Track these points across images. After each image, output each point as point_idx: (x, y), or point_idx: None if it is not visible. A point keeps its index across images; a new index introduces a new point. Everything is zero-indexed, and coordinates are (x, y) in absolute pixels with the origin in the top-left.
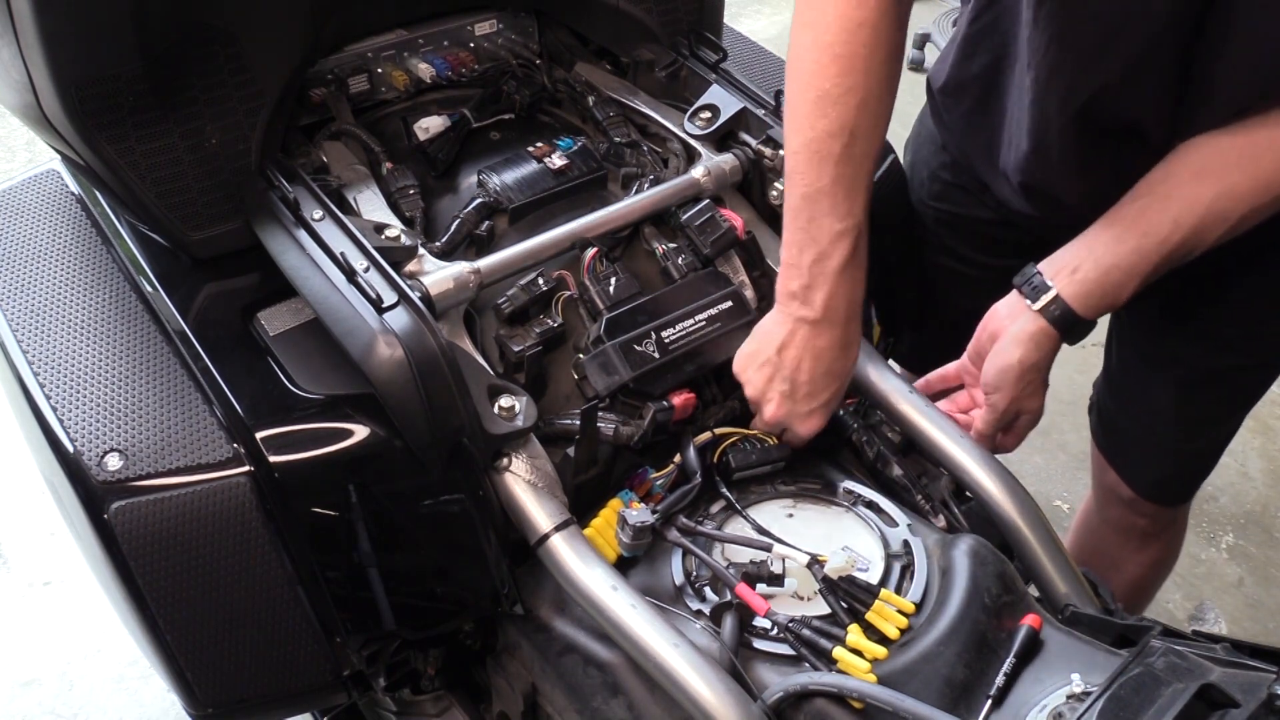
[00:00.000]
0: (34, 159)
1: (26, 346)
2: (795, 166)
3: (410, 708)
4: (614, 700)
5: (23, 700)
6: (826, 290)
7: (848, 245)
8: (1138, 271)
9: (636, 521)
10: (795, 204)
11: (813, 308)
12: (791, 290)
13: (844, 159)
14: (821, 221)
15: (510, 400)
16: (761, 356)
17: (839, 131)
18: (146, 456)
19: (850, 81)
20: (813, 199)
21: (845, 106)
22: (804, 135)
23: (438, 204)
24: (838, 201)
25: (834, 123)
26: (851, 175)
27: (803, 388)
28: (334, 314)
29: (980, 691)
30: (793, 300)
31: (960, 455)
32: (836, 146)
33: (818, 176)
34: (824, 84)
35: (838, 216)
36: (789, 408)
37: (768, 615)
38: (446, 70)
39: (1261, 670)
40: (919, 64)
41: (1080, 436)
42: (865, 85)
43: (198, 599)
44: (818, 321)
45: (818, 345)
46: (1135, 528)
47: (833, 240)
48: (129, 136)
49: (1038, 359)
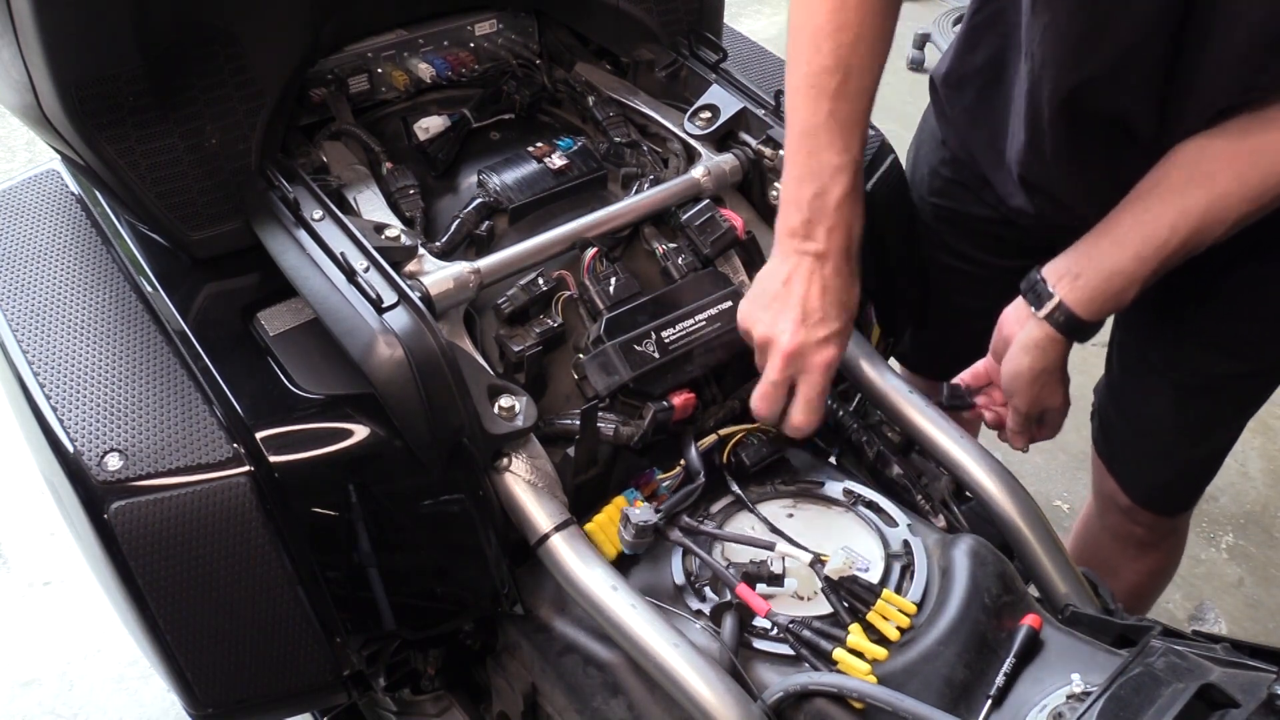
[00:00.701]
0: (34, 159)
1: (26, 346)
2: (794, 103)
3: (410, 708)
4: (614, 700)
5: (23, 700)
6: (828, 224)
7: (847, 179)
8: (1138, 276)
9: (639, 520)
10: (794, 140)
11: (816, 241)
12: (792, 227)
13: (840, 94)
14: (821, 156)
15: (510, 400)
16: (768, 295)
17: (834, 67)
18: (146, 456)
19: (843, 18)
20: (811, 134)
21: (839, 43)
22: (801, 71)
23: (438, 204)
24: (835, 136)
25: (829, 58)
26: (848, 111)
27: (815, 313)
28: (334, 314)
29: (980, 691)
30: (794, 237)
31: (960, 455)
32: (832, 82)
33: (814, 111)
34: (819, 20)
35: (836, 151)
36: (804, 335)
37: (768, 616)
38: (446, 70)
39: (1261, 670)
40: (919, 64)
41: (1080, 436)
42: (859, 22)
43: (198, 599)
44: (821, 254)
45: (825, 275)
46: (1133, 536)
47: (832, 174)
48: (129, 136)
49: (1046, 363)
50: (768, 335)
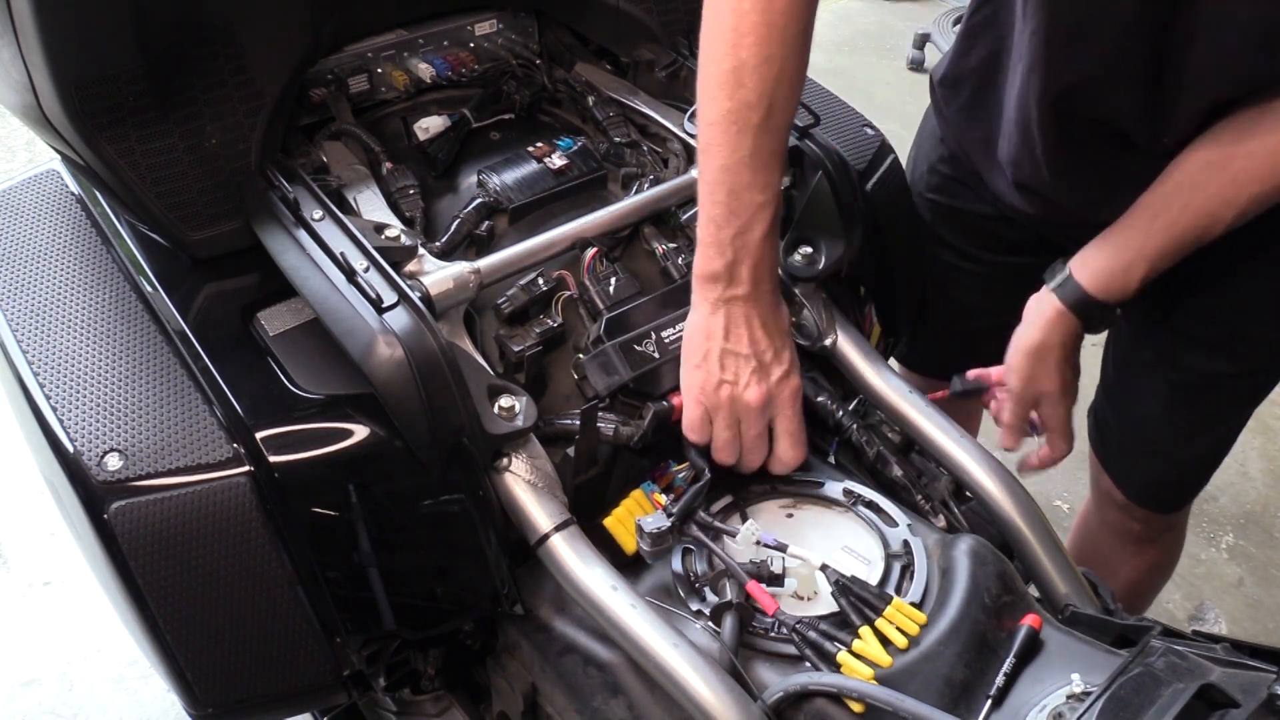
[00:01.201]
0: (34, 159)
1: (26, 346)
2: (712, 139)
3: (410, 708)
4: (614, 700)
5: (23, 700)
6: (751, 261)
7: (769, 215)
8: (1146, 252)
9: (653, 529)
10: (713, 177)
11: (741, 283)
12: (713, 271)
13: (763, 130)
14: (743, 194)
15: (510, 400)
16: (712, 354)
17: (758, 102)
18: (146, 456)
19: (767, 51)
20: (733, 170)
21: (763, 76)
22: (722, 106)
23: (438, 204)
24: (757, 174)
25: (752, 93)
26: (770, 147)
27: (767, 354)
28: (334, 314)
29: (980, 691)
30: (715, 283)
31: (960, 455)
32: (755, 117)
33: (736, 148)
34: (741, 54)
35: (758, 189)
36: (767, 382)
37: (776, 615)
38: (446, 70)
39: (1261, 670)
40: (919, 64)
41: (1080, 437)
42: (782, 56)
43: (198, 599)
44: (749, 294)
45: (760, 313)
46: (1131, 532)
47: (754, 212)
48: (129, 136)
49: (1046, 338)
50: (730, 395)
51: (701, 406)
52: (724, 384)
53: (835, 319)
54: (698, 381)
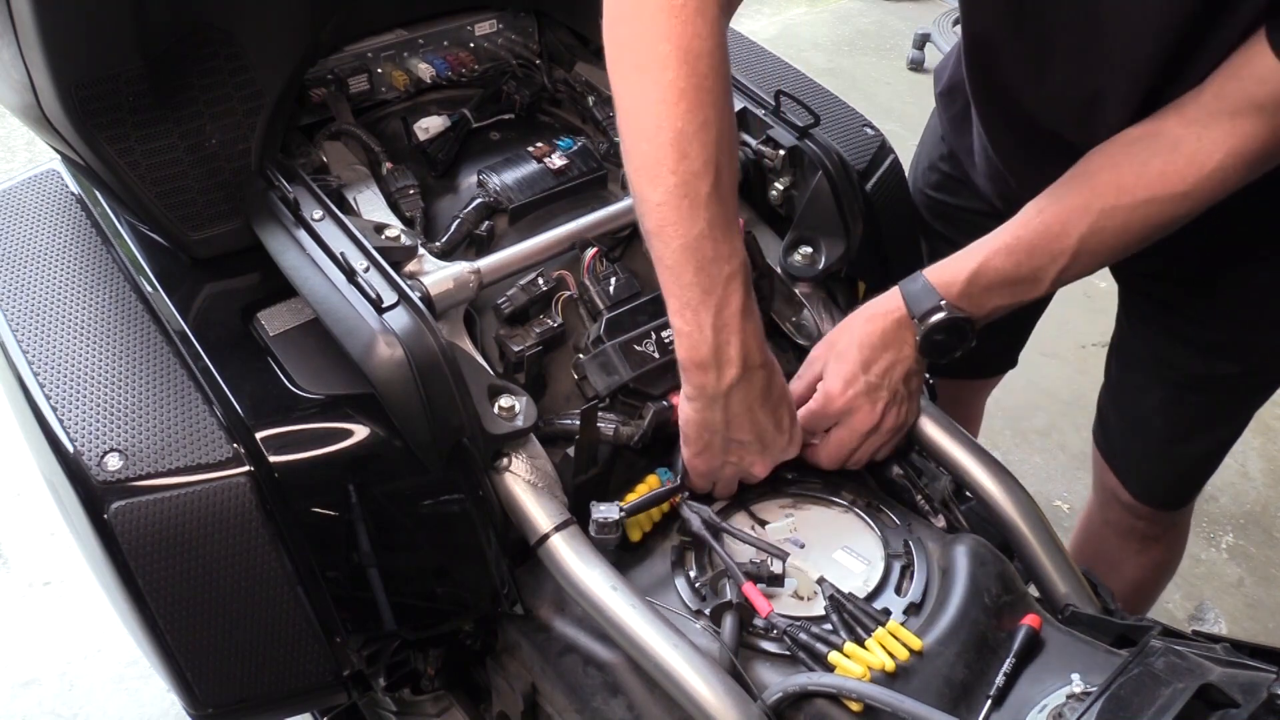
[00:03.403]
0: (34, 159)
1: (26, 346)
2: (664, 219)
3: (410, 708)
4: (614, 700)
5: (23, 700)
6: (738, 340)
7: (740, 282)
8: (986, 245)
9: (601, 518)
10: (674, 260)
11: (731, 365)
12: (701, 360)
13: (714, 198)
14: (709, 270)
15: (510, 400)
16: (715, 445)
17: (704, 170)
18: (146, 456)
19: (704, 116)
20: (694, 248)
21: (705, 143)
22: (667, 182)
23: (438, 204)
24: (719, 244)
25: (697, 161)
26: (724, 213)
27: (768, 431)
28: (334, 314)
29: (980, 691)
30: (706, 373)
31: (960, 455)
32: (705, 186)
33: (693, 222)
34: (678, 123)
35: (724, 258)
36: (770, 457)
37: (769, 617)
38: (446, 70)
39: (1261, 670)
40: (919, 64)
41: (1080, 437)
42: (719, 119)
43: (198, 599)
44: (741, 376)
45: (757, 396)
46: (1135, 531)
47: (726, 284)
48: (129, 136)
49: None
50: (734, 473)
51: (706, 479)
52: (729, 465)
53: (835, 319)
54: (702, 467)
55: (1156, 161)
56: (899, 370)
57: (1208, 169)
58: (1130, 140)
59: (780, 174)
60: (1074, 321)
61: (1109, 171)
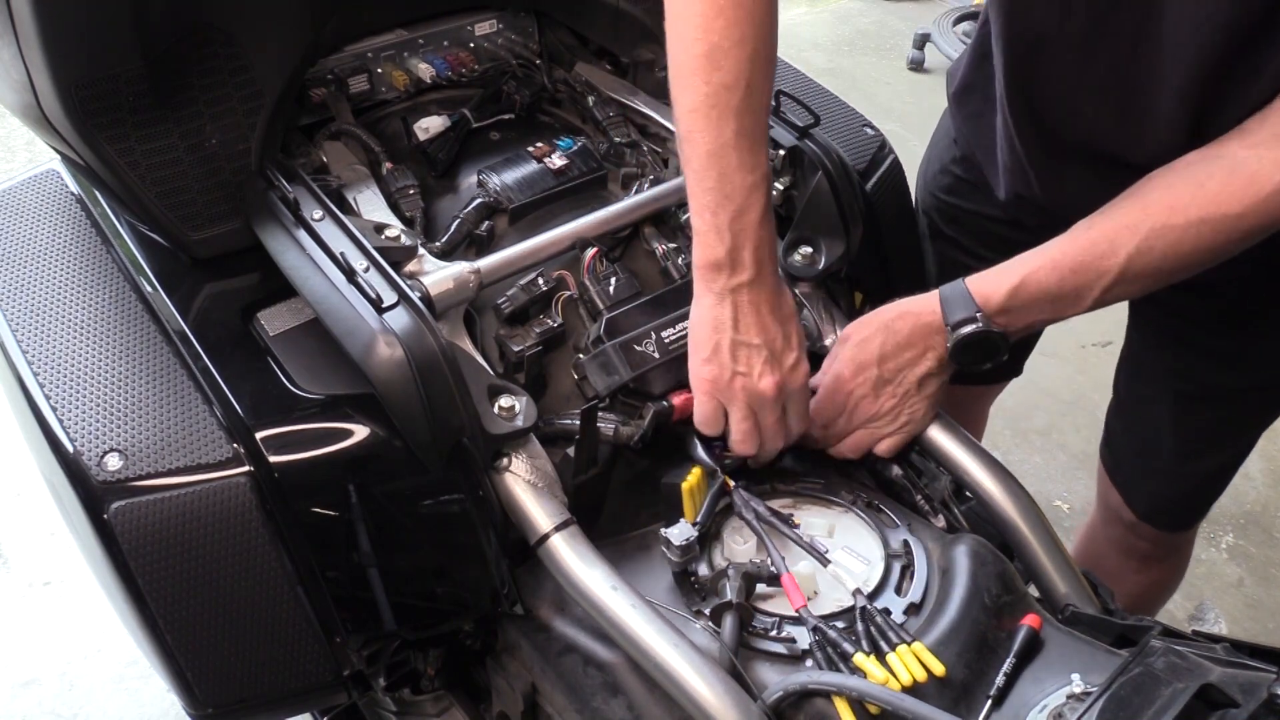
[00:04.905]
0: (34, 159)
1: (26, 346)
2: (694, 125)
3: (410, 708)
4: (614, 700)
5: (23, 700)
6: (752, 245)
7: (762, 196)
8: (1028, 261)
9: (682, 541)
10: (700, 164)
11: (744, 268)
12: (715, 259)
13: (744, 110)
14: (732, 176)
15: (510, 400)
16: (722, 346)
17: (735, 84)
18: (146, 456)
19: (739, 33)
20: (719, 154)
21: (738, 59)
22: (699, 91)
23: (438, 204)
24: (744, 154)
25: (729, 75)
26: (753, 126)
27: (777, 340)
28: (334, 314)
29: (980, 691)
30: (719, 272)
31: (960, 455)
32: (735, 98)
33: (720, 131)
34: (713, 37)
35: (747, 169)
36: (780, 371)
37: (801, 611)
38: (446, 70)
39: (1261, 670)
40: (919, 64)
41: (1080, 437)
42: (755, 36)
43: (198, 599)
44: (754, 279)
45: (768, 299)
46: (1137, 550)
47: (747, 194)
48: (129, 136)
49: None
50: (744, 386)
51: (715, 400)
52: (737, 375)
53: (835, 319)
54: (709, 375)
55: (1213, 182)
56: (916, 371)
57: (1265, 191)
58: (1189, 162)
59: (780, 174)
60: (1074, 322)
61: (1163, 191)
